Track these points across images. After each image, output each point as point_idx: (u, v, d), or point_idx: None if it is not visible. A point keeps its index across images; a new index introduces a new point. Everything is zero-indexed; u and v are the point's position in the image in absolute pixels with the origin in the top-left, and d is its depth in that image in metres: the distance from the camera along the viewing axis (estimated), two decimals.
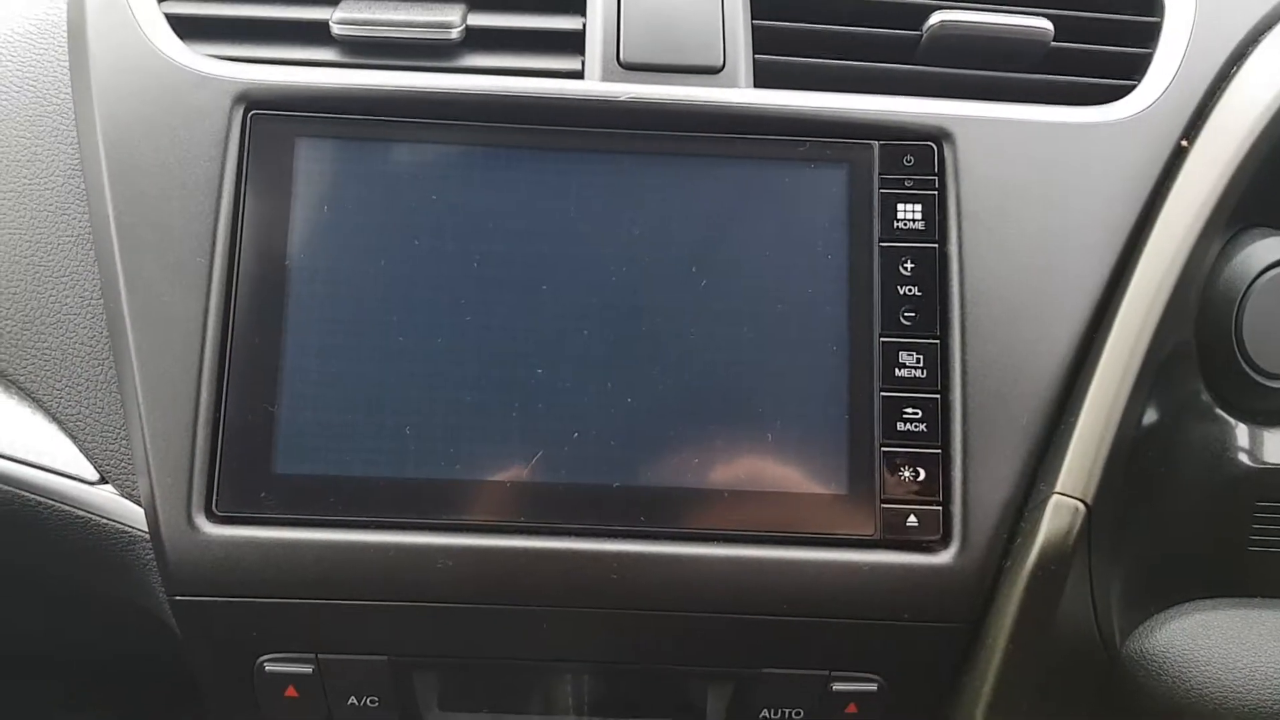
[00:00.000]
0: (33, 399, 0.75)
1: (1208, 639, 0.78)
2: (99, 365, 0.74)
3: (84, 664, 1.31)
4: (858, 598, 0.70)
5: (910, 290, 0.72)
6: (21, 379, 0.75)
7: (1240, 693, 0.76)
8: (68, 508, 0.74)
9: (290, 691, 0.74)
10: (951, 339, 0.72)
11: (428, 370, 0.71)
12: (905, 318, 0.72)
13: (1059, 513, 0.69)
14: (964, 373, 0.71)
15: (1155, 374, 0.75)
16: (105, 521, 0.74)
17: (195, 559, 0.69)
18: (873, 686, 0.74)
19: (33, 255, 0.76)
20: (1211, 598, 0.80)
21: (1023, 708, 0.73)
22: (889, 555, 0.70)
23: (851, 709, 0.74)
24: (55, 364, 0.75)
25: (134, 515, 0.73)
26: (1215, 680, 0.76)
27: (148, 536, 0.71)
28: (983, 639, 0.72)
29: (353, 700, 0.74)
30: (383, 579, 0.69)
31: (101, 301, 0.74)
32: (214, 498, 0.69)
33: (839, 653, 0.73)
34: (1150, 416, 0.77)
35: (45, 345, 0.75)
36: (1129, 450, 0.74)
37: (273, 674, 0.73)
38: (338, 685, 0.73)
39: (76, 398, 0.74)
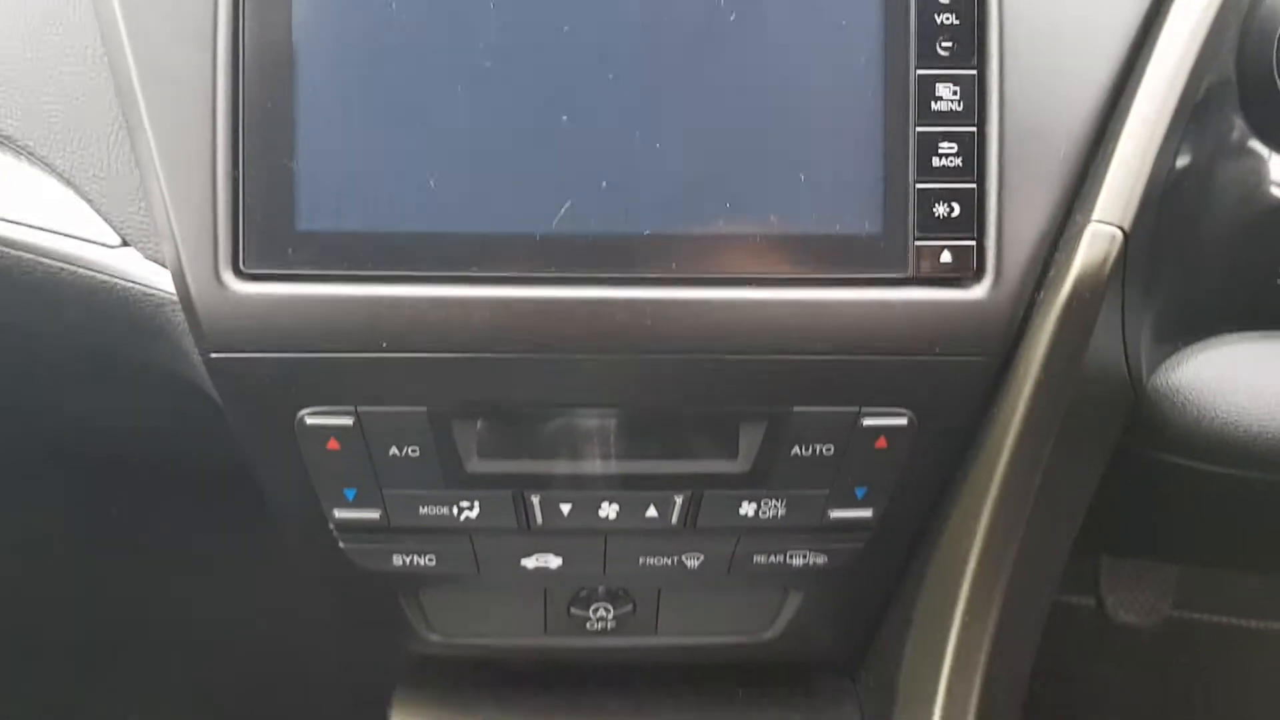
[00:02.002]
0: (45, 164, 0.73)
1: (1234, 370, 0.79)
2: (111, 127, 0.72)
3: (138, 459, 1.35)
4: (891, 334, 0.70)
5: (948, 19, 0.69)
6: (33, 144, 0.73)
7: (1265, 421, 0.77)
8: (91, 273, 0.74)
9: (332, 444, 0.75)
10: (989, 69, 0.69)
11: (447, 120, 0.68)
12: (942, 48, 0.69)
13: (1096, 241, 0.69)
14: (1001, 104, 0.69)
15: (1195, 107, 0.73)
16: (130, 285, 0.73)
17: (227, 316, 0.69)
18: (903, 420, 0.75)
19: (34, 18, 0.73)
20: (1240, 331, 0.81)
21: (1049, 440, 0.74)
22: (922, 292, 0.70)
23: (881, 443, 0.75)
24: (67, 128, 0.73)
25: (159, 278, 0.72)
26: (1241, 409, 0.77)
27: (175, 299, 0.71)
28: (1014, 371, 0.72)
29: (394, 451, 0.75)
30: (416, 332, 0.69)
31: (109, 63, 0.72)
32: (240, 256, 0.69)
33: (870, 389, 0.74)
34: (1188, 149, 0.75)
35: (55, 110, 0.73)
36: (1166, 183, 0.73)
37: (314, 427, 0.74)
38: (378, 436, 0.75)
39: (92, 162, 0.73)
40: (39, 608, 1.92)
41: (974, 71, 0.69)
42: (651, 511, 0.79)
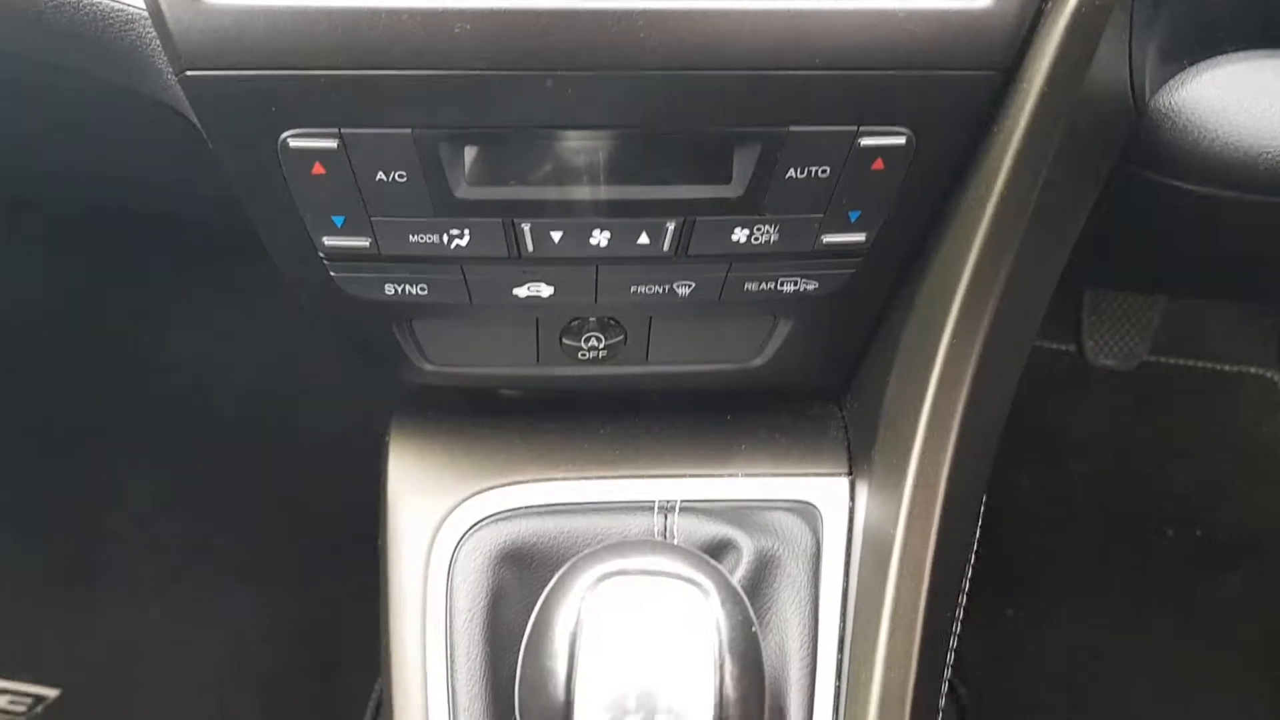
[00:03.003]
0: None
1: (1238, 90, 0.77)
2: None
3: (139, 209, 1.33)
4: (892, 47, 0.68)
5: None
6: None
7: (1266, 143, 0.76)
8: None
9: (317, 169, 0.73)
10: None
11: None
12: None
13: None
14: None
15: None
16: (97, 1, 0.70)
17: (198, 30, 0.66)
18: (901, 140, 0.73)
19: None
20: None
21: (1048, 158, 0.73)
22: (926, 1, 0.67)
23: (878, 165, 0.74)
24: None
25: None
26: (1243, 130, 0.76)
27: (144, 13, 0.68)
28: (1016, 85, 0.70)
29: (380, 176, 0.74)
30: (398, 46, 0.67)
31: None
32: None
33: (868, 107, 0.71)
34: None
35: None
36: None
37: (298, 150, 0.72)
38: (363, 160, 0.73)
39: None
40: (35, 361, 1.95)
41: None
42: (643, 238, 0.79)
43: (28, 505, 1.94)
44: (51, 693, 1.80)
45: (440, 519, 0.96)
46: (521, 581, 0.93)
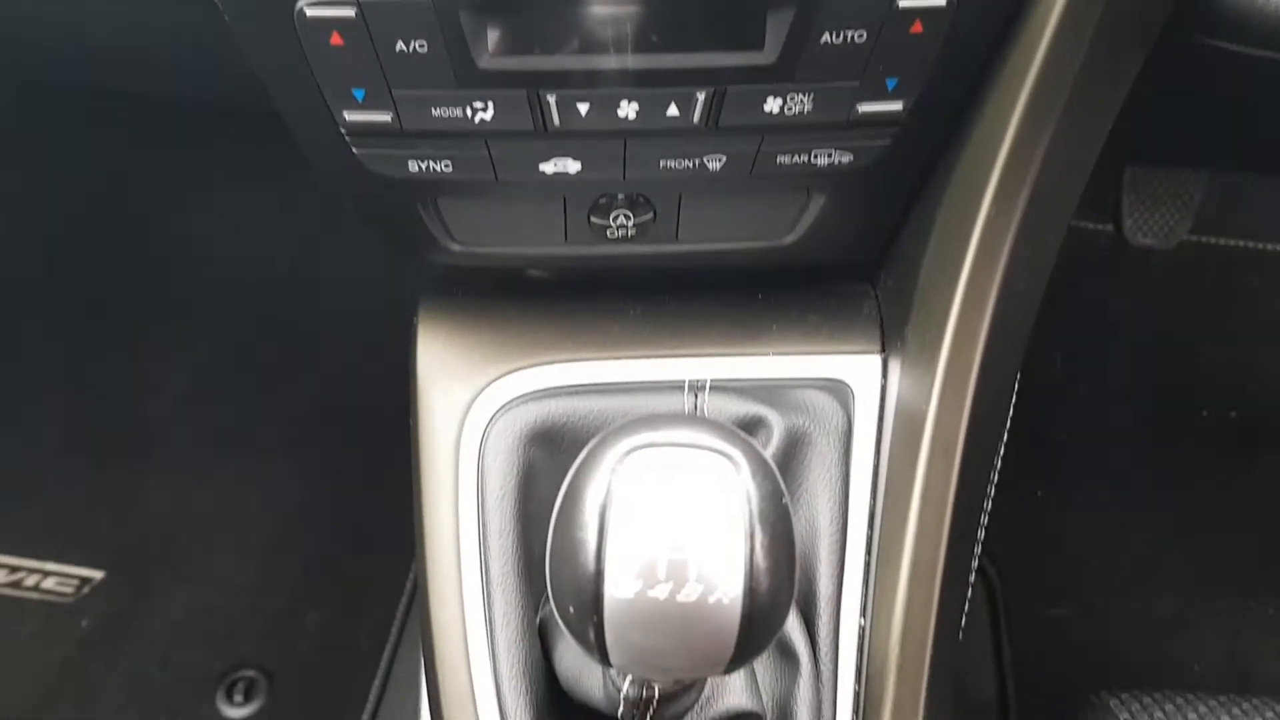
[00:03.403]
0: None
1: None
2: None
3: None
4: None
5: None
6: None
7: None
8: None
9: (335, 39, 0.71)
10: None
11: None
12: None
13: None
14: None
15: None
16: None
17: None
18: (941, 1, 0.70)
19: None
20: None
21: (1093, 20, 0.70)
22: None
23: (917, 28, 0.71)
24: None
25: None
26: None
27: None
28: None
29: (400, 46, 0.72)
30: None
31: None
32: None
33: None
34: None
35: None
36: None
37: (315, 19, 0.70)
38: (382, 29, 0.71)
39: None
40: (72, 248, 1.95)
41: None
42: (672, 110, 0.77)
43: (70, 390, 1.97)
44: (97, 574, 1.85)
45: (470, 400, 0.96)
46: (552, 460, 0.94)
